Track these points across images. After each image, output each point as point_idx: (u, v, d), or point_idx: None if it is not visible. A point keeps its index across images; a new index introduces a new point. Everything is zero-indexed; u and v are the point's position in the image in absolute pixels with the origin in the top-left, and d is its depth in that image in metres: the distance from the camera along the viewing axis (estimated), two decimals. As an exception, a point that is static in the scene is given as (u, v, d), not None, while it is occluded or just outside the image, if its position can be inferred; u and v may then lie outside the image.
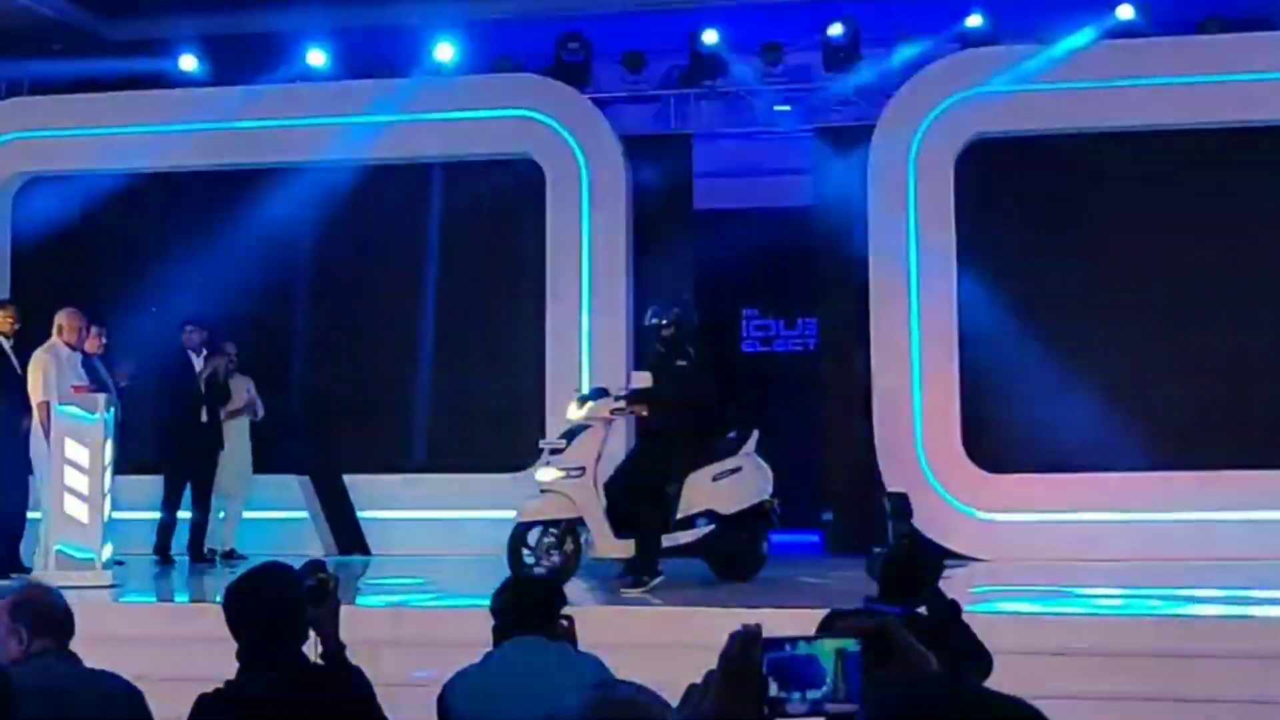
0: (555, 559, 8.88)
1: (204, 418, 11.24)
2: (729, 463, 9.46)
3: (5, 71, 12.98)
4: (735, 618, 7.78)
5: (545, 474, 9.10)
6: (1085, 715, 7.00)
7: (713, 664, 2.16)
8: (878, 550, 5.01)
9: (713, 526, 9.27)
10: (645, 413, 9.21)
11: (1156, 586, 9.17)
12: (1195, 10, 11.26)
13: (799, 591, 9.04)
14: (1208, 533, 10.67)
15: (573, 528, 8.98)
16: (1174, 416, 11.19)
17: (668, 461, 9.23)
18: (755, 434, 9.74)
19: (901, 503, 10.37)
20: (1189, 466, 10.97)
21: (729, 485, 9.38)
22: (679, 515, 9.18)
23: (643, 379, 9.25)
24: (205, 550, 11.30)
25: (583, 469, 8.98)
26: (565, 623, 4.23)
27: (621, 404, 9.19)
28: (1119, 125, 11.34)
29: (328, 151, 12.39)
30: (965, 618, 5.08)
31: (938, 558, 5.19)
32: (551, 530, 8.95)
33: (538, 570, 8.72)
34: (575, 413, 9.24)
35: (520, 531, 8.94)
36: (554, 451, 9.17)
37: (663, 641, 7.77)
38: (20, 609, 3.99)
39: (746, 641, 2.10)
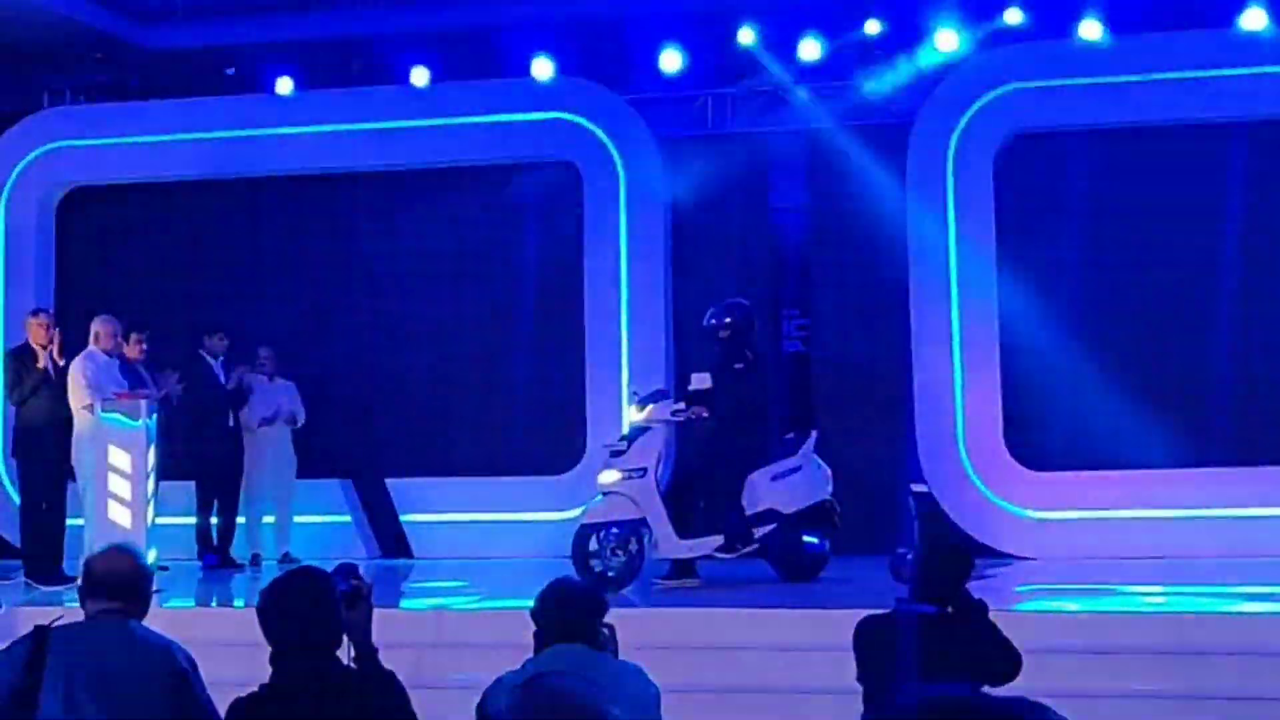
0: (620, 559, 8.96)
1: (230, 423, 11.37)
2: (788, 463, 9.50)
3: (47, 82, 13.08)
4: (772, 621, 7.74)
5: (607, 476, 9.13)
6: (1131, 713, 6.95)
7: (749, 667, 2.12)
8: (903, 550, 4.88)
9: (774, 526, 9.29)
10: (705, 414, 9.24)
11: (1202, 584, 9.08)
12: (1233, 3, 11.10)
13: (828, 593, 9.02)
14: (1253, 529, 10.55)
15: (636, 529, 9.00)
16: (1219, 412, 11.08)
17: (730, 461, 9.29)
18: (814, 434, 9.80)
19: (928, 501, 10.33)
20: (1234, 463, 10.86)
21: (789, 485, 9.42)
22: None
23: (702, 380, 9.27)
24: (251, 555, 11.39)
25: (644, 470, 9.03)
26: (606, 631, 4.19)
27: (681, 406, 9.22)
28: (1159, 119, 11.24)
29: (366, 157, 12.43)
30: (1011, 616, 5.04)
31: (969, 556, 5.11)
32: (614, 532, 8.98)
33: (609, 573, 8.83)
34: (635, 415, 9.30)
35: (584, 534, 8.97)
36: (615, 454, 9.17)
37: (707, 644, 7.77)
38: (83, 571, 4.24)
39: None
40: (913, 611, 4.64)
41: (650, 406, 9.22)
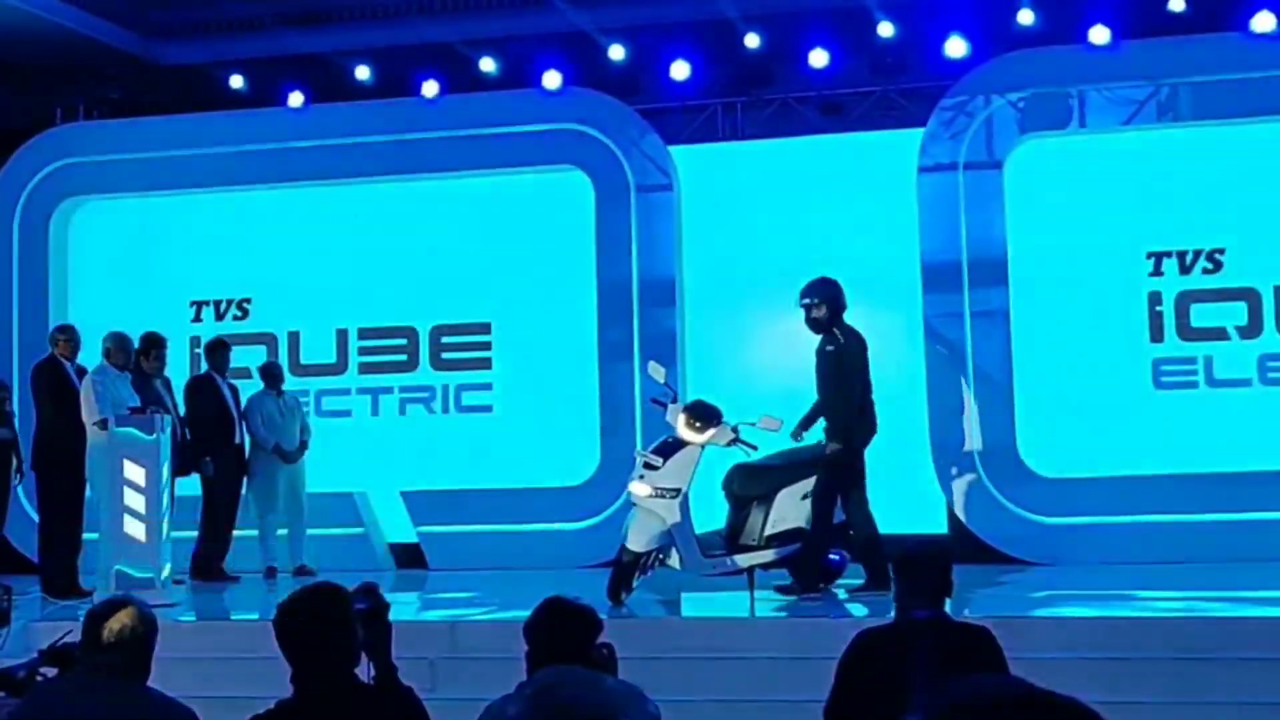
0: (648, 574, 8.92)
1: (237, 439, 11.29)
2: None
3: (60, 97, 13.14)
4: (783, 629, 7.70)
5: (640, 489, 8.94)
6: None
7: (759, 677, 2.13)
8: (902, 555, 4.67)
9: (797, 546, 9.09)
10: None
11: (1215, 589, 9.05)
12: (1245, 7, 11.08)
13: (840, 602, 9.01)
14: (1266, 533, 10.52)
15: (665, 549, 8.89)
16: (1232, 416, 11.08)
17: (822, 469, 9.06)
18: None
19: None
20: (1248, 467, 10.85)
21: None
22: (768, 532, 9.05)
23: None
24: (266, 568, 11.36)
25: (678, 491, 8.84)
26: (605, 651, 4.08)
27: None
28: (1166, 125, 11.24)
29: (377, 168, 12.45)
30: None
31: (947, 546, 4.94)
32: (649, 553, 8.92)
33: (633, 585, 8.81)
34: (691, 433, 8.97)
35: (631, 560, 8.82)
36: (649, 466, 8.97)
37: (714, 653, 7.77)
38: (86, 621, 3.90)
39: None
40: (919, 619, 4.53)
41: (712, 430, 8.93)
